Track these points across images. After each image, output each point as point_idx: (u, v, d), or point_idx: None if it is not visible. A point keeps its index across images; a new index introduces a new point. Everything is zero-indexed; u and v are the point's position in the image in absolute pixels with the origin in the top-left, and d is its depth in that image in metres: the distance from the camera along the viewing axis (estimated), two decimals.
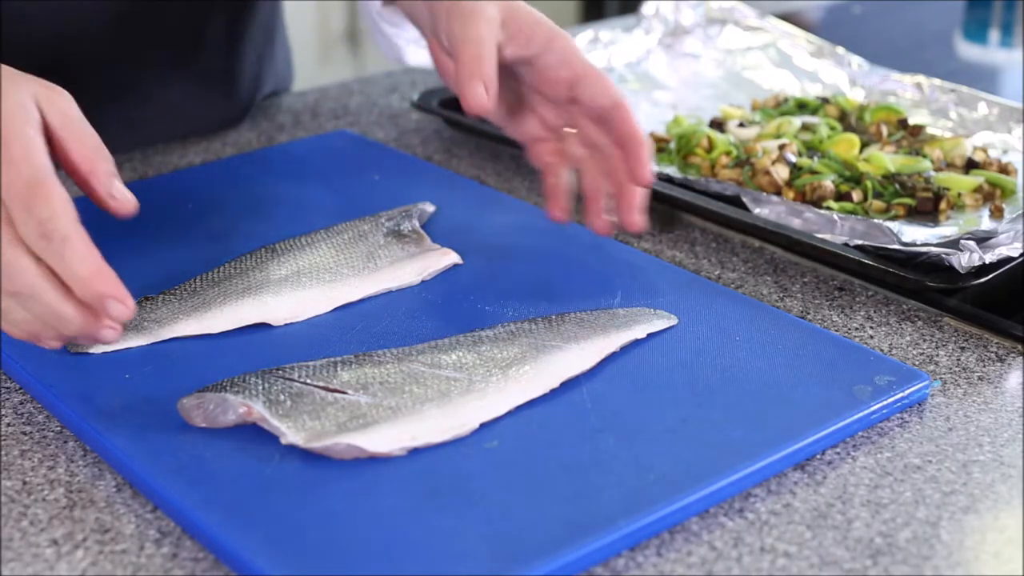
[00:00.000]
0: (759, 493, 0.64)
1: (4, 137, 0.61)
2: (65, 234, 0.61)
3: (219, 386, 0.66)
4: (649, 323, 0.76)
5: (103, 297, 0.62)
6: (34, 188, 0.61)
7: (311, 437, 0.63)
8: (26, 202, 0.60)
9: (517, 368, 0.70)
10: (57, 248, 0.61)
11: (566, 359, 0.71)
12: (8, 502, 0.63)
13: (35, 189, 0.61)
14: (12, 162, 0.61)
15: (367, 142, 1.07)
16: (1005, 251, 0.82)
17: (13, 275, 0.61)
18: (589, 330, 0.74)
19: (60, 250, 0.61)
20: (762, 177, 0.96)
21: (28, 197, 0.61)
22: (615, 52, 1.22)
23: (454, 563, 0.57)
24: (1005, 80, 1.37)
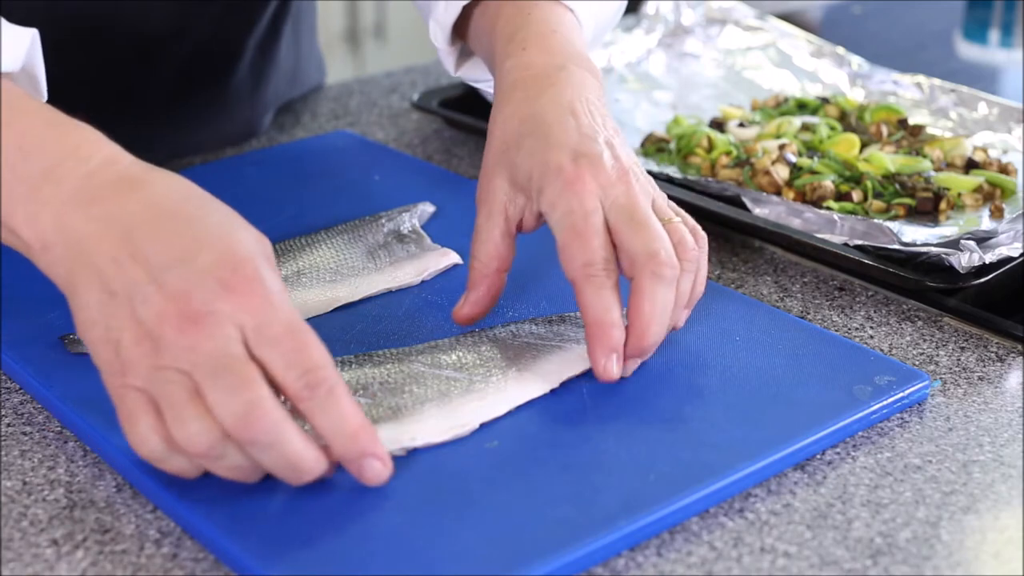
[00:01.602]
0: (759, 493, 0.64)
1: (263, 278, 0.58)
2: (332, 386, 0.58)
3: None
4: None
5: (364, 456, 0.59)
6: (296, 333, 0.58)
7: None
8: (288, 347, 0.57)
9: (517, 369, 0.70)
10: (322, 400, 0.58)
11: (566, 359, 0.71)
12: (8, 502, 0.63)
13: (298, 335, 0.58)
14: (272, 305, 0.58)
15: (367, 142, 1.07)
16: (1005, 251, 0.82)
17: (255, 421, 0.57)
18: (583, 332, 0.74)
19: (325, 402, 0.58)
20: (762, 177, 0.96)
21: (290, 342, 0.58)
22: (615, 52, 1.22)
23: (454, 563, 0.57)
24: (1005, 80, 1.37)
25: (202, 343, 0.57)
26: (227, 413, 0.56)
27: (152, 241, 0.59)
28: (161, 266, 0.58)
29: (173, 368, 0.57)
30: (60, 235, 0.60)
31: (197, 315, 0.57)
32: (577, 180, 0.69)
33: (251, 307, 0.58)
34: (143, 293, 0.58)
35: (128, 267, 0.58)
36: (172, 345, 0.57)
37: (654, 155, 1.04)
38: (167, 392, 0.57)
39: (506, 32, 0.80)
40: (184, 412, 0.57)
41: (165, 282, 0.58)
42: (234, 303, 0.57)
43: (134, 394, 0.58)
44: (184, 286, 0.57)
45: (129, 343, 0.58)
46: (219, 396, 0.56)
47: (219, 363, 0.57)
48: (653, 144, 1.05)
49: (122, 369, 0.58)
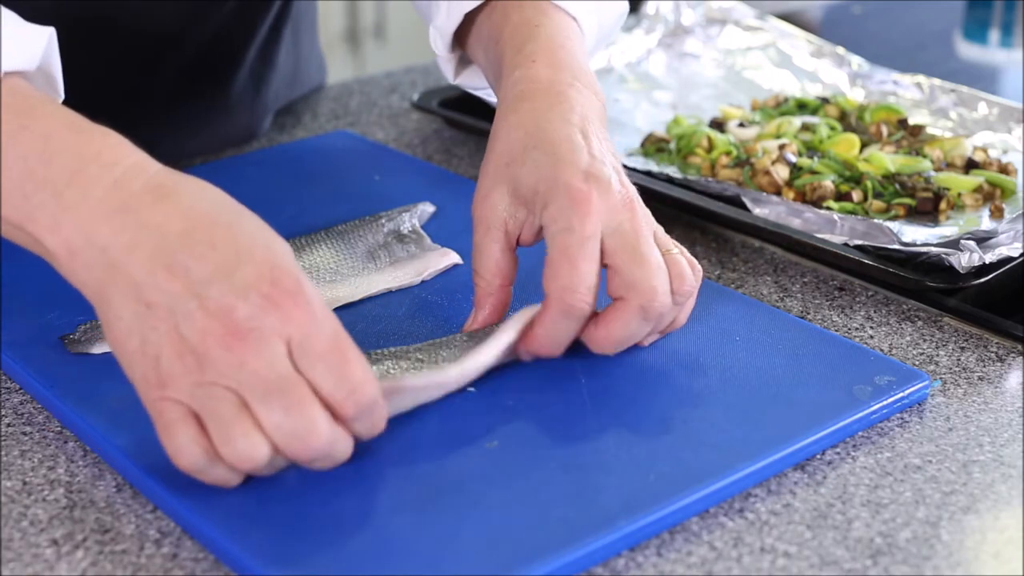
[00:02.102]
0: (759, 493, 0.64)
1: (305, 290, 0.58)
2: (375, 399, 0.59)
3: None
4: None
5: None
6: (340, 348, 0.58)
7: None
8: (333, 362, 0.58)
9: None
10: (367, 414, 0.59)
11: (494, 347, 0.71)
12: (8, 502, 0.63)
13: (342, 350, 0.58)
14: (316, 318, 0.58)
15: (367, 142, 1.07)
16: (1005, 251, 0.82)
17: (312, 441, 0.57)
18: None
19: (371, 416, 0.60)
20: (762, 177, 0.96)
21: (335, 357, 0.58)
22: (615, 52, 1.22)
23: (454, 563, 0.57)
24: (1005, 80, 1.37)
25: (249, 360, 0.56)
26: (282, 434, 0.57)
27: (188, 253, 0.58)
28: (201, 280, 0.57)
29: (220, 385, 0.57)
30: (88, 243, 0.59)
31: (242, 331, 0.56)
32: (585, 201, 0.68)
33: (296, 321, 0.57)
34: (185, 308, 0.57)
35: (165, 280, 0.58)
36: (218, 362, 0.56)
37: (654, 155, 1.04)
38: (213, 408, 0.57)
39: (514, 43, 0.79)
40: (234, 429, 0.57)
41: (207, 297, 0.57)
42: (279, 317, 0.57)
43: (173, 406, 0.58)
44: (227, 301, 0.57)
45: (171, 357, 0.57)
46: (273, 417, 0.57)
47: (270, 382, 0.57)
48: (653, 144, 1.05)
49: (161, 382, 0.58)
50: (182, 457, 0.58)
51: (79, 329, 0.74)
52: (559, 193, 0.69)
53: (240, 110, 1.07)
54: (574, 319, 0.68)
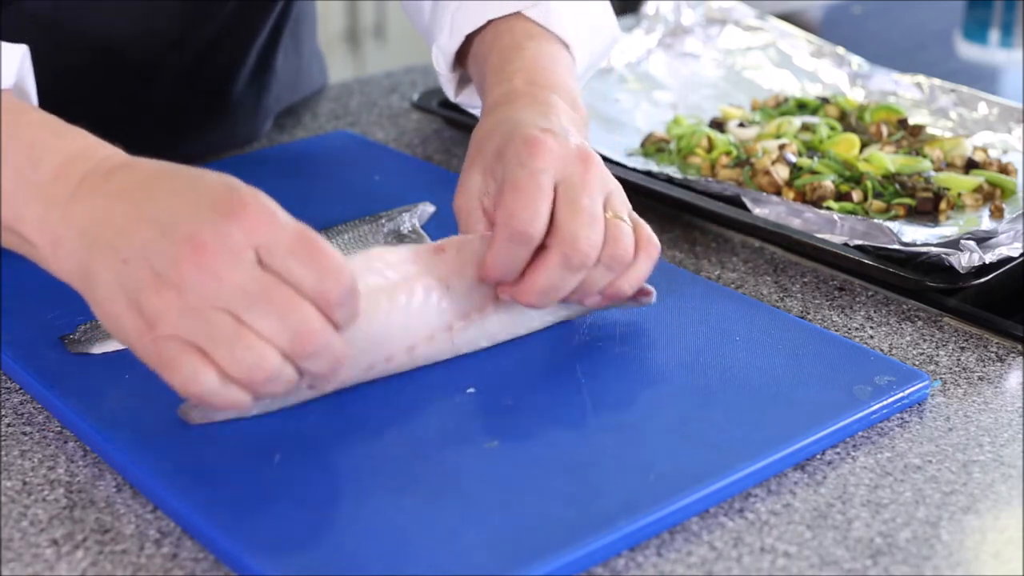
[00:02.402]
0: (759, 493, 0.64)
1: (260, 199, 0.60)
2: (353, 282, 0.61)
3: None
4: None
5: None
6: (306, 241, 0.60)
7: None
8: (304, 255, 0.59)
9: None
10: (350, 298, 0.60)
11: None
12: (8, 502, 0.63)
13: (308, 242, 0.60)
14: (277, 219, 0.60)
15: (367, 142, 1.07)
16: (1005, 251, 0.82)
17: (310, 336, 0.59)
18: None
19: (352, 301, 0.61)
20: (762, 177, 0.96)
21: (304, 250, 0.59)
22: (615, 52, 1.22)
23: (454, 563, 0.57)
24: (1005, 80, 1.37)
25: (224, 274, 0.58)
26: (283, 337, 0.58)
27: (156, 203, 0.60)
28: (168, 221, 0.59)
29: (206, 306, 0.58)
30: (70, 227, 0.61)
31: (210, 248, 0.58)
32: (538, 142, 0.70)
33: (259, 228, 0.59)
34: (156, 249, 0.59)
35: (136, 231, 0.60)
36: (196, 284, 0.58)
37: (654, 155, 1.04)
38: (209, 331, 0.58)
39: (497, 64, 0.82)
40: (240, 344, 0.58)
41: (174, 232, 0.59)
42: (241, 228, 0.59)
43: (168, 342, 0.59)
44: (191, 228, 0.59)
45: (151, 297, 0.59)
46: (268, 323, 0.58)
47: (252, 292, 0.58)
48: (653, 144, 1.04)
49: (150, 324, 0.59)
50: (193, 385, 0.59)
51: (79, 329, 0.74)
52: (516, 143, 0.71)
53: (241, 113, 1.07)
54: (521, 244, 0.68)
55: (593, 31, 0.89)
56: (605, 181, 0.72)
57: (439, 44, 0.88)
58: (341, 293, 0.60)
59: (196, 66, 1.00)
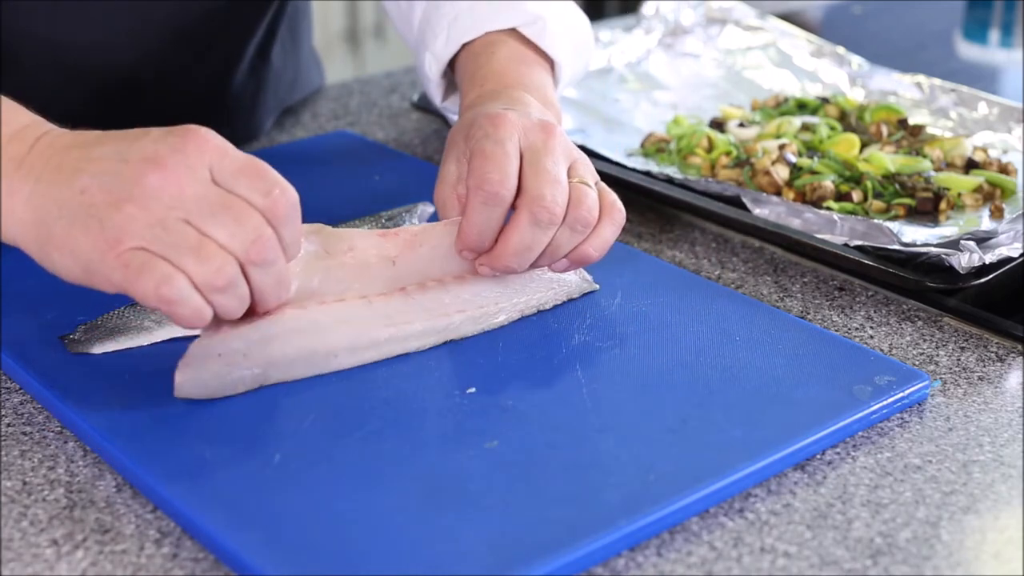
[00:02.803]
0: (759, 493, 0.64)
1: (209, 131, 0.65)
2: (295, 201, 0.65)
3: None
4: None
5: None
6: (253, 163, 0.65)
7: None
8: (251, 174, 0.64)
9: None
10: (294, 214, 0.65)
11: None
12: (8, 502, 0.63)
13: (255, 164, 0.65)
14: (225, 146, 0.64)
15: (367, 142, 1.07)
16: (1005, 251, 0.82)
17: (264, 243, 0.64)
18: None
19: (290, 216, 0.65)
20: (762, 177, 0.96)
21: (251, 169, 0.64)
22: (615, 52, 1.22)
23: (454, 563, 0.57)
24: (1005, 80, 1.37)
25: (185, 185, 0.62)
26: (239, 243, 0.63)
27: (108, 145, 0.64)
28: (122, 150, 0.63)
29: (171, 217, 0.61)
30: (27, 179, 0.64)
31: (170, 162, 0.62)
32: (501, 117, 0.75)
33: (210, 148, 0.64)
34: (115, 173, 0.62)
35: (94, 165, 0.63)
36: (158, 195, 0.61)
37: (654, 155, 1.04)
38: (175, 239, 0.61)
39: (469, 70, 0.87)
40: (202, 251, 0.62)
41: (129, 156, 0.63)
42: (195, 148, 0.63)
43: (135, 253, 0.61)
44: (149, 148, 0.63)
45: (111, 212, 0.61)
46: (228, 231, 0.62)
47: (213, 202, 0.62)
48: (653, 144, 1.05)
49: (115, 239, 0.61)
50: (165, 289, 0.61)
51: (79, 329, 0.74)
52: (479, 120, 0.75)
53: (240, 109, 1.07)
54: (493, 206, 0.72)
55: (577, 51, 0.93)
56: (568, 149, 0.76)
57: (434, 50, 0.91)
58: (287, 206, 0.64)
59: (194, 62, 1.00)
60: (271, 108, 1.12)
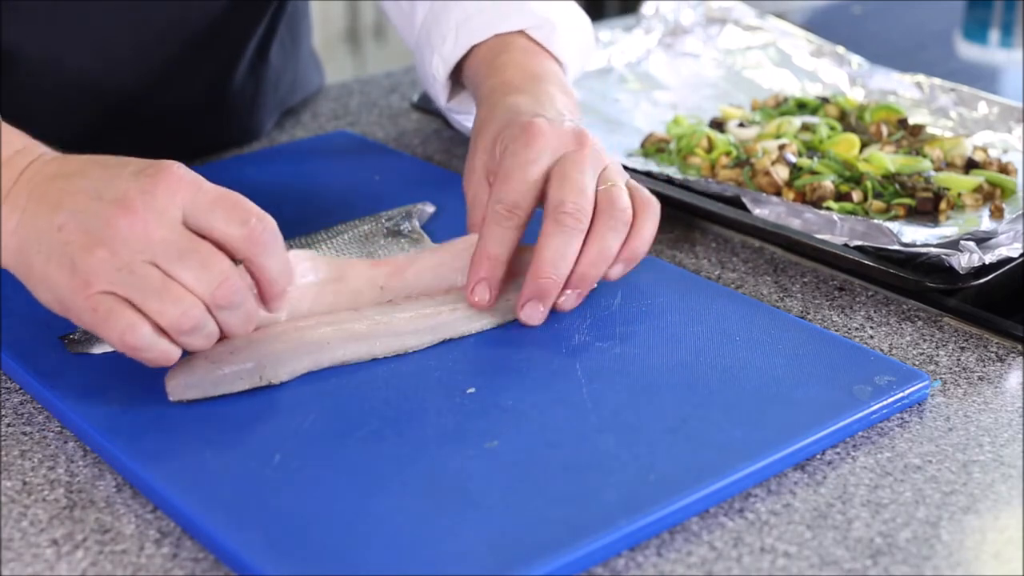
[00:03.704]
0: (759, 493, 0.64)
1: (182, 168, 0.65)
2: (272, 229, 0.66)
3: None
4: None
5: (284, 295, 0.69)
6: (227, 195, 0.65)
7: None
8: (224, 207, 0.65)
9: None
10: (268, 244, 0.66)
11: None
12: (8, 502, 0.63)
13: (228, 196, 0.65)
14: (198, 182, 0.65)
15: (367, 142, 1.07)
16: (1005, 251, 0.82)
17: (229, 287, 0.64)
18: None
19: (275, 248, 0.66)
20: (762, 177, 0.96)
21: (224, 203, 0.65)
22: (615, 52, 1.22)
23: (454, 563, 0.57)
24: (1005, 80, 1.37)
25: (153, 229, 0.63)
26: (204, 288, 0.63)
27: (87, 178, 0.65)
28: (100, 188, 0.64)
29: (138, 261, 0.62)
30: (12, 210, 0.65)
31: (138, 205, 0.63)
32: (532, 127, 0.76)
33: (180, 188, 0.64)
34: (87, 212, 0.63)
35: (71, 201, 0.64)
36: (127, 238, 0.62)
37: (654, 155, 1.04)
38: (141, 283, 0.63)
39: (484, 65, 0.88)
40: (167, 295, 0.63)
41: (103, 195, 0.64)
42: (166, 188, 0.64)
43: (103, 297, 0.63)
44: (120, 189, 0.64)
45: (84, 256, 0.63)
46: (193, 274, 0.63)
47: (179, 245, 0.63)
48: (653, 144, 1.05)
49: (85, 282, 0.63)
50: (129, 337, 0.63)
51: (79, 329, 0.74)
52: (515, 129, 0.77)
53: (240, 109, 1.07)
54: (507, 227, 0.74)
55: (581, 53, 0.94)
56: (599, 157, 0.77)
57: (442, 53, 0.91)
58: (266, 234, 0.65)
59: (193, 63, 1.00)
60: (271, 109, 1.12)
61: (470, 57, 0.91)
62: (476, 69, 0.89)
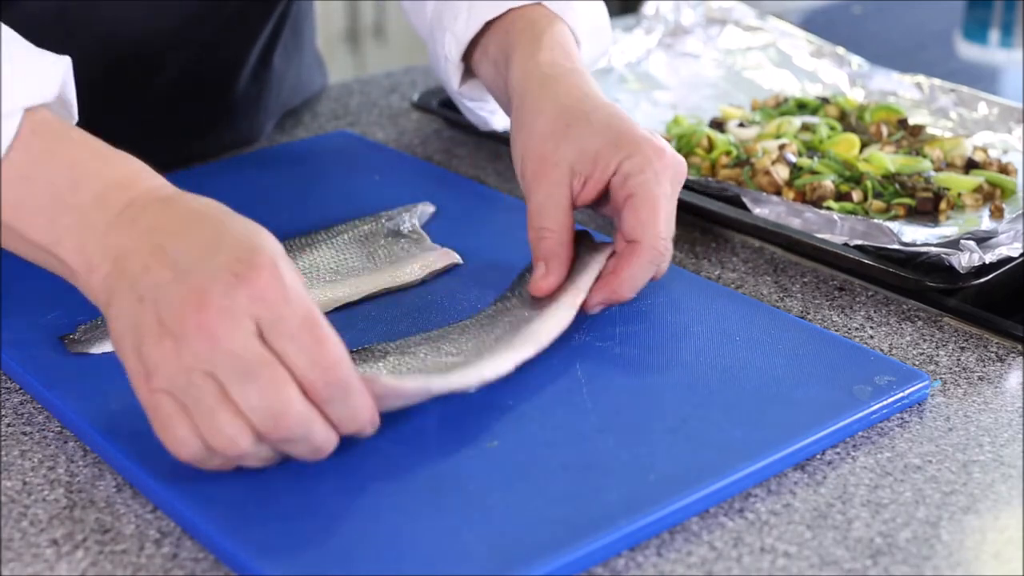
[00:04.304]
0: (759, 493, 0.64)
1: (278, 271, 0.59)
2: (349, 384, 0.60)
3: None
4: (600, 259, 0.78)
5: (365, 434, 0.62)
6: (313, 328, 0.59)
7: None
8: (305, 342, 0.58)
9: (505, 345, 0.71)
10: (340, 399, 0.59)
11: (546, 326, 0.73)
12: (8, 502, 0.63)
13: (314, 329, 0.59)
14: (287, 298, 0.59)
15: (367, 142, 1.07)
16: (1005, 251, 0.82)
17: (287, 420, 0.58)
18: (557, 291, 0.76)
19: (344, 398, 0.60)
20: (762, 177, 0.96)
21: (307, 337, 0.58)
22: (615, 52, 1.22)
23: (454, 563, 0.57)
24: (1005, 80, 1.37)
25: (222, 339, 0.57)
26: (259, 416, 0.58)
27: (178, 243, 0.60)
28: (185, 266, 0.59)
29: (198, 370, 0.57)
30: (104, 256, 0.61)
31: (213, 309, 0.57)
32: (663, 151, 0.76)
33: (267, 300, 0.58)
34: (167, 294, 0.58)
35: (156, 271, 0.59)
36: (192, 342, 0.57)
37: None
38: (195, 396, 0.58)
39: (527, 36, 0.85)
40: (217, 418, 0.58)
41: (186, 280, 0.58)
42: (248, 295, 0.58)
43: (163, 398, 0.58)
44: (202, 281, 0.58)
45: (152, 344, 0.58)
46: (249, 400, 0.57)
47: (244, 363, 0.57)
48: None
49: (147, 373, 0.59)
50: (182, 450, 0.59)
51: (79, 329, 0.74)
52: (643, 144, 0.76)
53: (243, 112, 1.07)
54: (657, 264, 0.75)
55: (598, 31, 0.92)
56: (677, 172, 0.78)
57: (454, 31, 0.89)
58: (330, 389, 0.59)
59: (198, 64, 1.00)
60: (273, 111, 1.12)
61: (487, 35, 0.89)
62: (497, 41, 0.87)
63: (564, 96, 0.79)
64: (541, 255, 0.76)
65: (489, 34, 0.88)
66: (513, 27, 0.86)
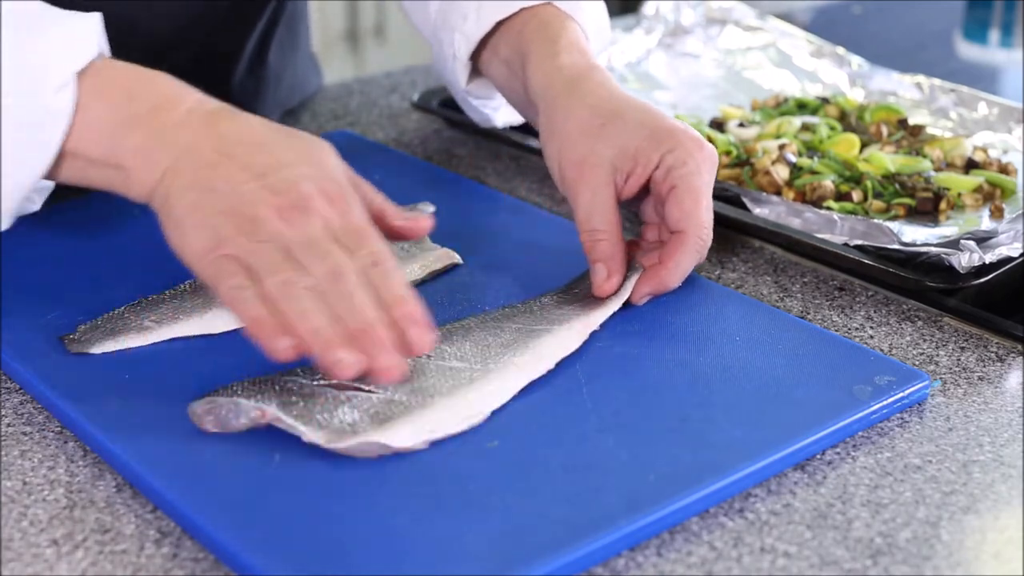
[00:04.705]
0: (759, 493, 0.64)
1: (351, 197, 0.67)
2: (392, 265, 0.65)
3: (230, 390, 0.66)
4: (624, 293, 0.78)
5: (411, 319, 0.64)
6: (363, 231, 0.66)
7: (332, 438, 0.63)
8: (359, 238, 0.65)
9: (511, 355, 0.71)
10: (383, 272, 0.64)
11: (558, 340, 0.73)
12: (8, 502, 0.63)
13: (365, 231, 0.66)
14: (348, 212, 0.66)
15: (367, 142, 1.07)
16: (1005, 251, 0.82)
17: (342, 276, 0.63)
18: (569, 310, 0.75)
19: (385, 273, 0.65)
20: (762, 177, 0.96)
21: (360, 236, 0.65)
22: (615, 52, 1.22)
23: (454, 563, 0.57)
24: (1005, 80, 1.37)
25: (297, 226, 0.64)
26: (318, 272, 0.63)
27: (253, 154, 0.66)
28: (263, 170, 0.65)
29: (269, 243, 0.63)
30: (172, 148, 0.66)
31: (297, 205, 0.64)
32: (704, 144, 0.78)
33: (338, 214, 0.65)
34: (245, 189, 0.64)
35: (228, 169, 0.65)
36: (269, 224, 0.63)
37: None
38: (265, 260, 0.63)
39: (543, 37, 0.86)
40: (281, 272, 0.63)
41: (267, 181, 0.65)
42: (329, 207, 0.65)
43: (227, 260, 0.63)
44: (287, 185, 0.65)
45: (226, 223, 0.64)
46: (310, 260, 0.63)
47: (314, 244, 0.64)
48: None
49: (218, 242, 0.64)
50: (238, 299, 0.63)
51: (79, 329, 0.74)
52: (681, 136, 0.77)
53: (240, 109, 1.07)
54: (700, 252, 0.78)
55: (601, 31, 0.93)
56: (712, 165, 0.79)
57: (464, 31, 0.90)
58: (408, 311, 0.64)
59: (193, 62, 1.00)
60: (270, 111, 1.12)
61: (491, 41, 0.89)
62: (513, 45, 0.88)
63: (591, 96, 0.81)
64: (599, 257, 0.77)
65: (499, 34, 0.88)
66: (526, 27, 0.87)
